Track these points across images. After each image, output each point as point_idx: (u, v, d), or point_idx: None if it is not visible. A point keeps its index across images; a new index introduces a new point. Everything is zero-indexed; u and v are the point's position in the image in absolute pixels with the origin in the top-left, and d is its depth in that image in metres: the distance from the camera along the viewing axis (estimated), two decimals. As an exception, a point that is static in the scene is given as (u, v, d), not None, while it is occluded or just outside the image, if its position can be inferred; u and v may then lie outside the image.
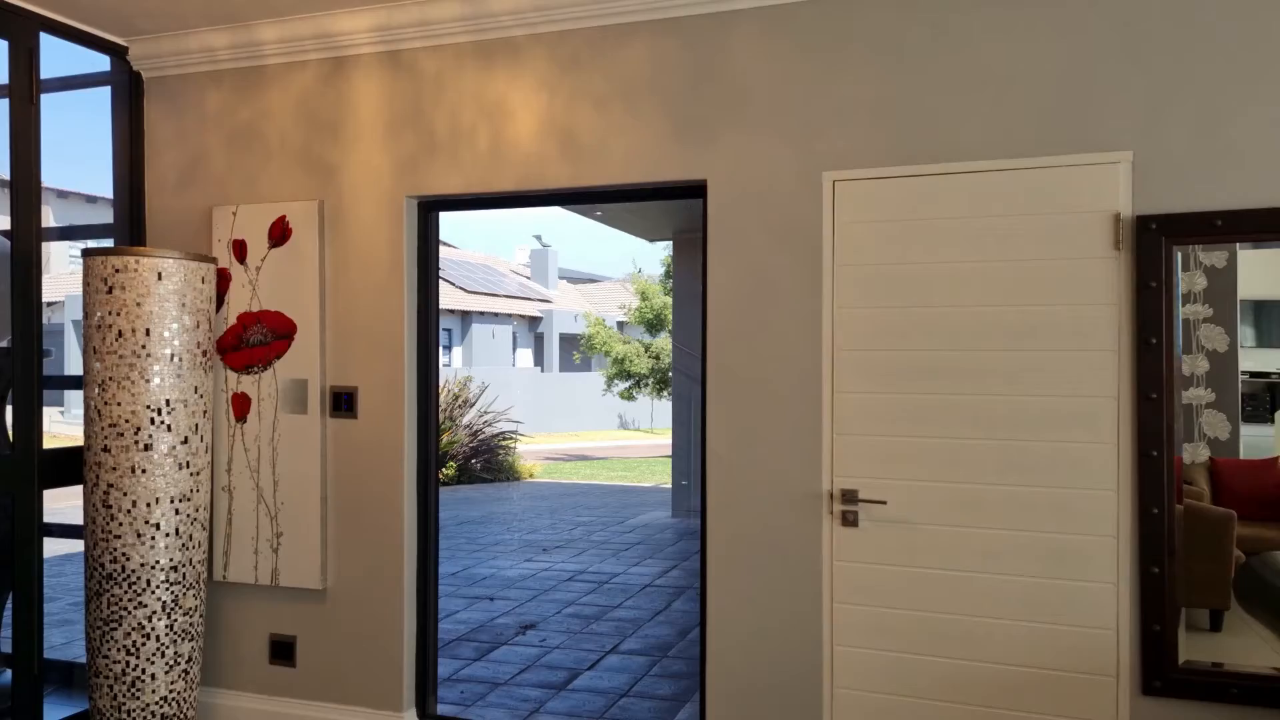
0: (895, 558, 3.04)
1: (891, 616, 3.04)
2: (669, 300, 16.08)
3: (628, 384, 17.55)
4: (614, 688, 4.43)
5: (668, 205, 7.35)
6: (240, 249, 3.81)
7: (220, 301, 3.81)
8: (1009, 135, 2.93)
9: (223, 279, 3.81)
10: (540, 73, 3.46)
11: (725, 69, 3.23)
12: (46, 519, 3.62)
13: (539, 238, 30.63)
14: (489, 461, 13.78)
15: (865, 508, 3.07)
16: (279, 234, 3.76)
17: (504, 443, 14.17)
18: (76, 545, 4.07)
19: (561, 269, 30.59)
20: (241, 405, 3.79)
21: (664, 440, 17.88)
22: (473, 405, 14.04)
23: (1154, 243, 2.78)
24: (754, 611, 3.20)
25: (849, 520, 3.08)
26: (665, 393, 16.74)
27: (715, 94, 3.24)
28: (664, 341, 16.80)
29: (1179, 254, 2.80)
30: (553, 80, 3.45)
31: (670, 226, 9.03)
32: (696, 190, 3.33)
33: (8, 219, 3.50)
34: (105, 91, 4.04)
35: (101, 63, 3.94)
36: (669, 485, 10.72)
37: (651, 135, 3.32)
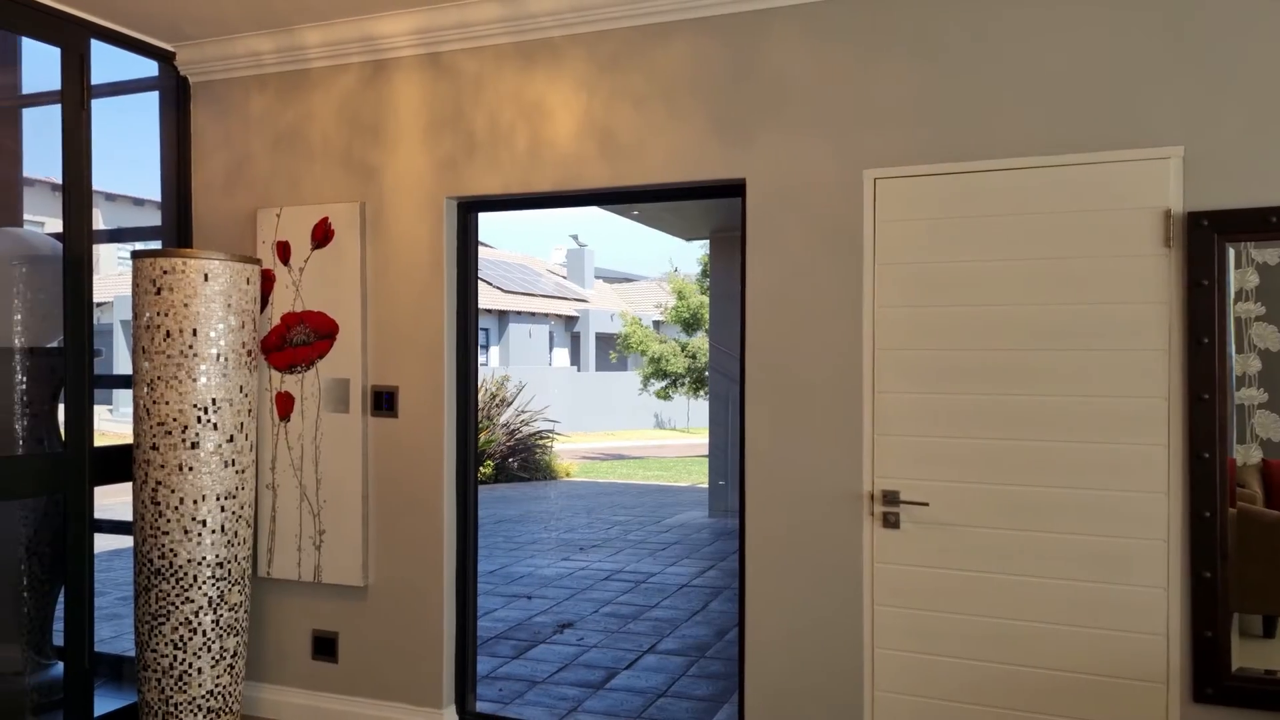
0: (938, 560, 3.00)
1: (934, 619, 3.00)
2: (706, 299, 16.03)
3: (664, 383, 17.53)
4: (652, 687, 4.43)
5: (705, 204, 7.33)
6: (284, 250, 3.86)
7: (264, 302, 3.87)
8: (1055, 131, 2.88)
9: (267, 280, 3.87)
10: (579, 73, 3.47)
11: (765, 67, 3.21)
12: (96, 515, 3.70)
13: (575, 237, 30.72)
14: (526, 460, 13.85)
15: (907, 509, 3.03)
16: (321, 235, 3.81)
17: (541, 442, 14.23)
18: (124, 541, 4.16)
19: (598, 268, 30.66)
20: (285, 404, 3.85)
21: (700, 439, 17.84)
22: (510, 404, 14.12)
23: (1205, 239, 2.72)
24: (793, 613, 3.18)
25: (890, 522, 3.05)
26: (702, 392, 16.71)
27: (755, 92, 3.23)
28: (700, 341, 16.76)
29: (1231, 251, 2.73)
30: (591, 80, 3.45)
31: (708, 225, 9.01)
32: (735, 189, 3.32)
33: (59, 222, 3.58)
34: (151, 96, 4.12)
35: (149, 68, 4.02)
36: (705, 485, 10.70)
37: (690, 134, 3.31)
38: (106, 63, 3.77)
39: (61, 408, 3.63)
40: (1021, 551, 2.91)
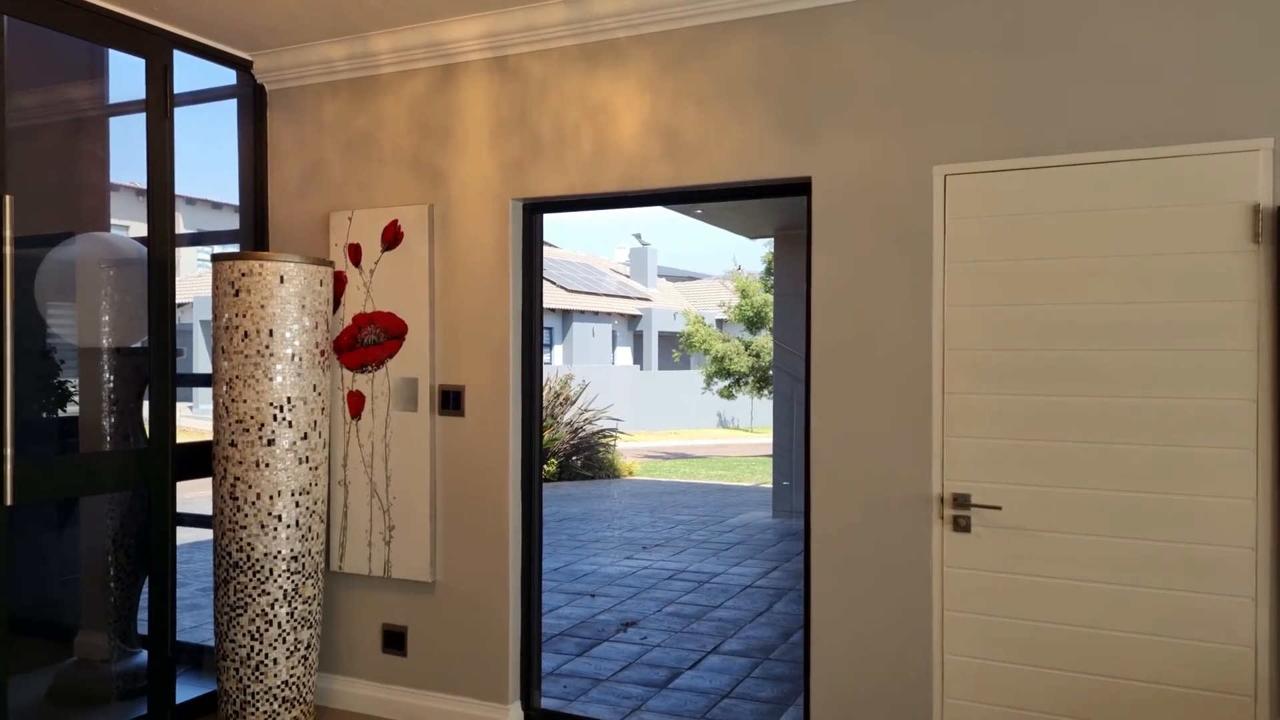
0: (1011, 565, 2.93)
1: (1006, 626, 2.93)
2: (770, 297, 15.91)
3: (727, 382, 17.46)
4: (715, 688, 4.41)
5: (769, 202, 7.27)
6: (355, 252, 3.95)
7: (337, 303, 3.96)
8: (1136, 124, 2.78)
9: (339, 281, 3.96)
10: (643, 73, 3.47)
11: (830, 64, 3.17)
12: (178, 509, 3.84)
13: (638, 236, 30.79)
14: (589, 459, 13.94)
15: (979, 513, 2.96)
16: (391, 237, 3.88)
17: (604, 440, 14.30)
18: (203, 534, 4.30)
19: (661, 267, 30.68)
20: (356, 403, 3.94)
21: (764, 439, 17.72)
22: (573, 403, 14.22)
23: (1298, 235, 2.60)
24: (860, 616, 3.13)
25: (961, 525, 2.98)
26: (765, 391, 16.59)
27: (820, 89, 3.19)
28: (764, 339, 16.64)
29: (1327, 246, 2.60)
30: (656, 80, 3.45)
31: (772, 223, 8.94)
32: (801, 188, 3.28)
33: (144, 226, 3.72)
34: (228, 103, 4.25)
35: (228, 77, 4.15)
36: (769, 485, 10.63)
37: (755, 133, 3.29)
38: (187, 72, 3.91)
39: (146, 405, 3.78)
40: (1098, 557, 2.83)
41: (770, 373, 14.63)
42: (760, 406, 21.46)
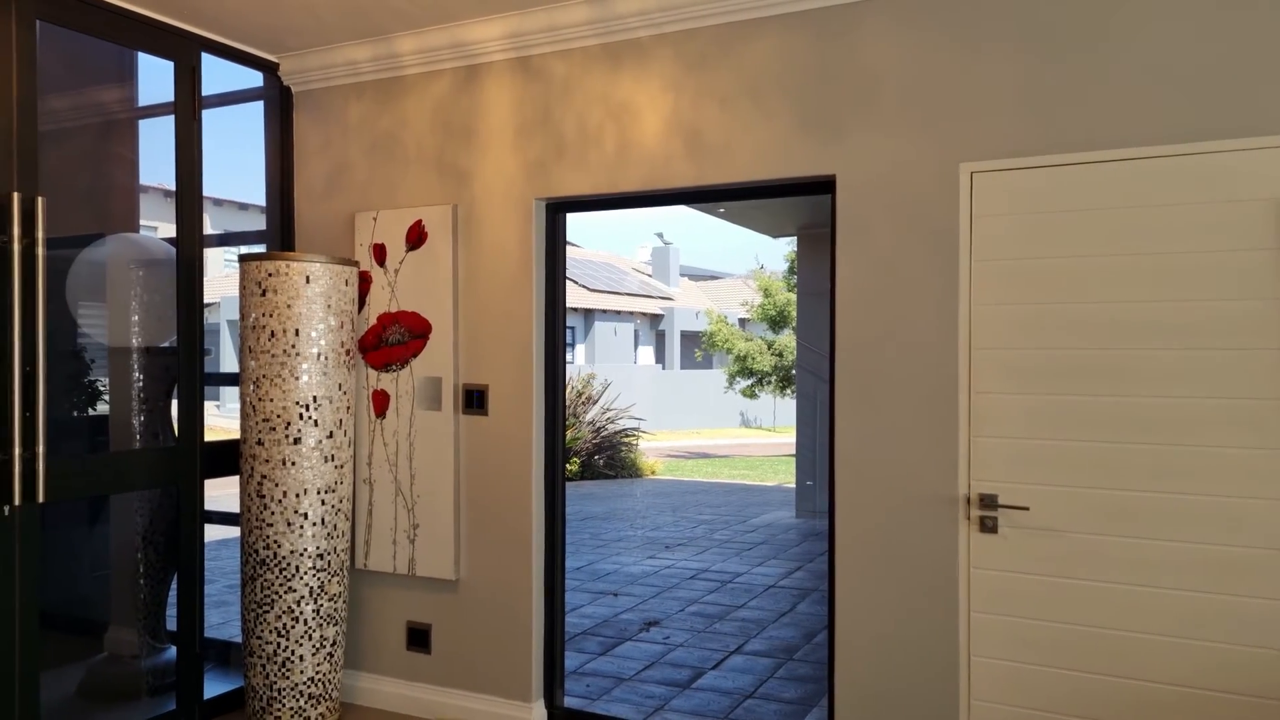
0: (1039, 567, 2.90)
1: (1034, 628, 2.90)
2: (793, 296, 15.87)
3: (750, 381, 17.41)
4: (738, 688, 4.40)
5: (792, 201, 7.24)
6: (380, 252, 3.98)
7: (362, 303, 3.99)
8: (1167, 120, 2.74)
9: (364, 281, 3.99)
10: (667, 72, 3.47)
11: (855, 61, 3.15)
12: (205, 507, 3.88)
13: (660, 235, 30.82)
14: (611, 458, 13.95)
15: (1006, 514, 2.93)
16: (415, 237, 3.90)
17: (626, 439, 14.31)
18: (229, 531, 4.35)
19: (683, 266, 30.64)
20: (381, 402, 3.96)
21: (787, 439, 17.66)
22: (596, 402, 14.25)
23: (1335, 232, 2.55)
24: (885, 617, 3.11)
25: (988, 526, 2.95)
26: (788, 390, 16.53)
27: (845, 87, 3.17)
28: (787, 339, 16.58)
29: (1364, 243, 2.55)
30: (679, 79, 3.45)
31: (795, 222, 8.90)
32: (825, 186, 3.27)
33: (172, 226, 3.77)
34: (253, 105, 4.29)
35: (254, 79, 4.19)
36: (792, 485, 10.58)
37: (779, 131, 3.27)
38: (214, 74, 3.95)
39: (175, 404, 3.82)
40: (1127, 559, 2.79)
41: (793, 372, 14.57)
42: (783, 406, 21.39)
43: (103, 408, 4.08)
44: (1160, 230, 2.76)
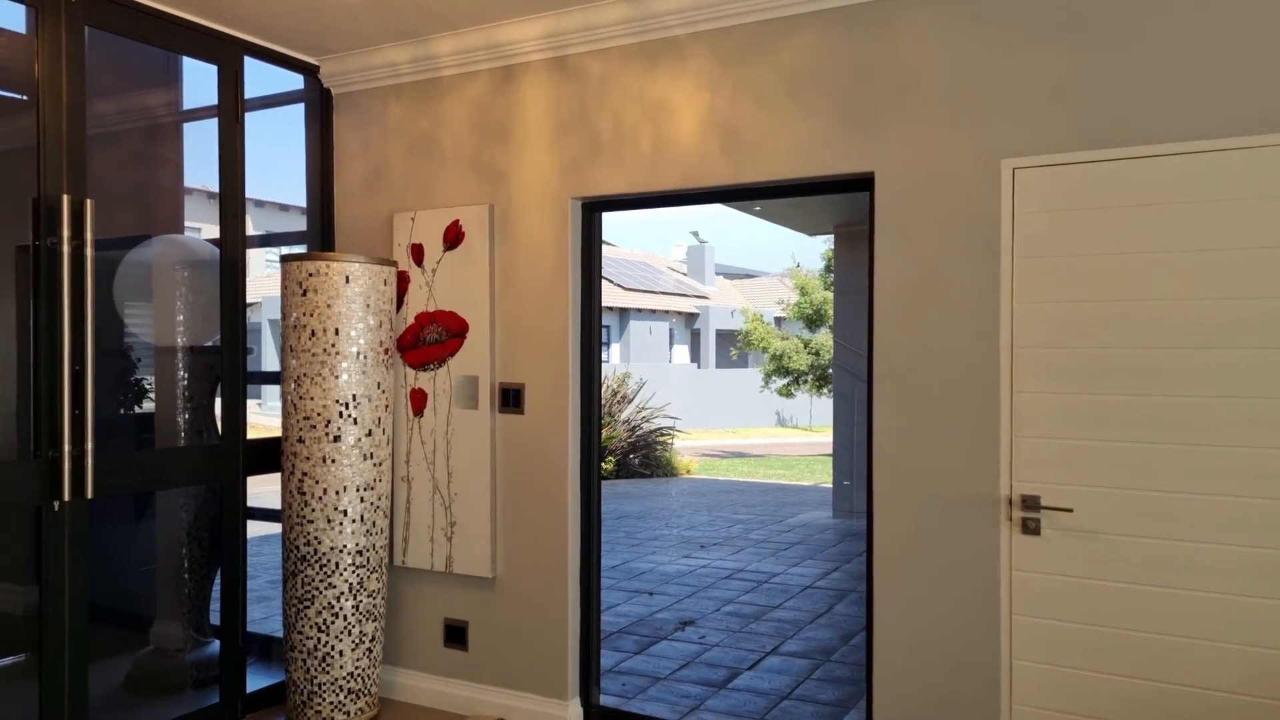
0: (1082, 569, 2.84)
1: (1078, 631, 2.85)
2: (829, 295, 15.73)
3: (786, 380, 17.31)
4: (775, 689, 4.37)
5: (829, 198, 7.18)
6: (418, 252, 4.01)
7: (400, 302, 4.02)
8: (1215, 112, 2.67)
9: (402, 281, 4.03)
10: (703, 70, 3.46)
11: (894, 57, 3.12)
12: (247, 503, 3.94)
13: (696, 234, 30.76)
14: (647, 457, 13.95)
15: (1049, 515, 2.88)
16: (453, 237, 3.93)
17: (661, 438, 14.30)
18: (268, 527, 4.41)
19: (718, 265, 30.57)
20: (419, 400, 4.00)
21: (823, 438, 17.54)
22: (631, 401, 14.25)
23: (1394, 227, 2.47)
24: (925, 620, 3.07)
25: (1030, 528, 2.91)
26: (825, 389, 16.41)
27: (883, 83, 3.14)
28: (824, 337, 16.46)
29: None
30: (715, 77, 3.43)
31: (831, 220, 8.83)
32: (863, 184, 3.23)
33: (215, 227, 3.83)
34: (291, 108, 4.34)
35: (295, 81, 4.24)
36: (829, 484, 10.50)
37: (816, 129, 3.25)
38: (255, 77, 4.01)
39: (218, 402, 3.88)
40: (1176, 562, 2.73)
41: (830, 371, 14.46)
42: (819, 405, 21.25)
43: (148, 405, 4.16)
44: (1205, 226, 2.69)
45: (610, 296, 22.22)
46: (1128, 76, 2.78)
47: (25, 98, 3.50)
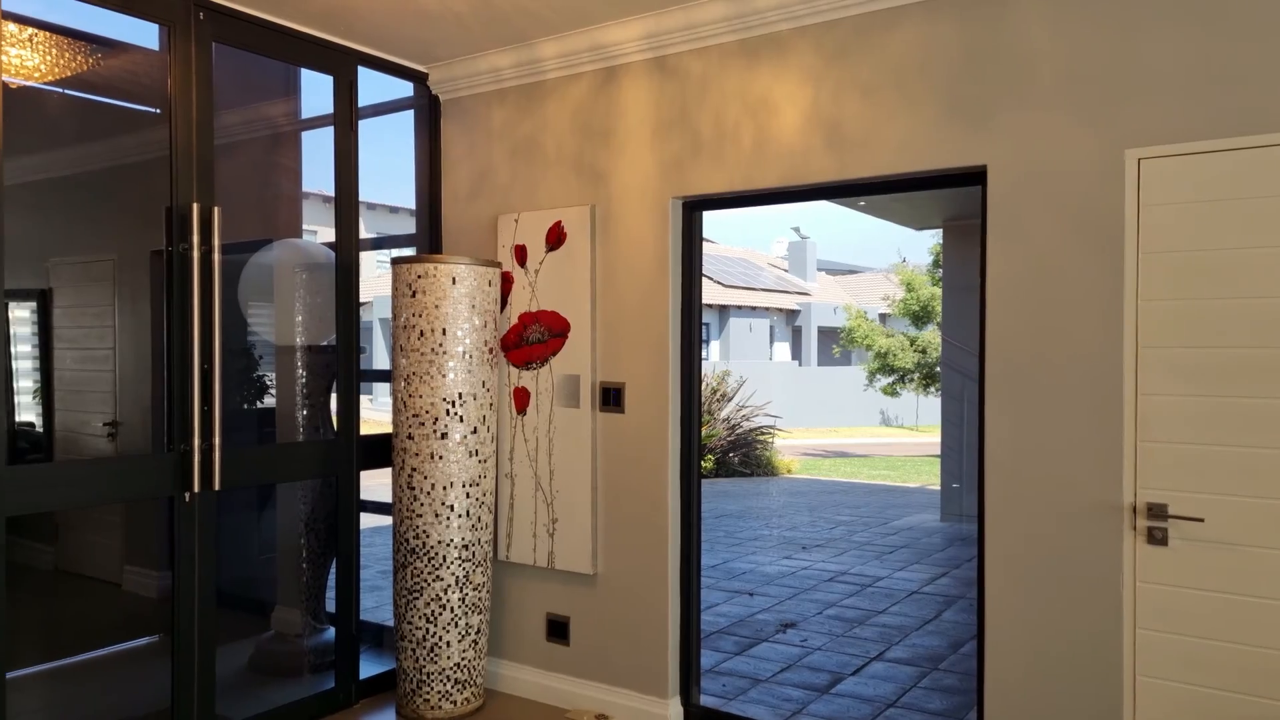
0: (1214, 582, 2.67)
1: (1208, 648, 2.68)
2: (937, 291, 15.30)
3: (891, 379, 16.92)
4: (880, 696, 4.28)
5: (938, 192, 6.96)
6: (521, 253, 4.08)
7: (504, 302, 4.10)
8: (1369, 93, 2.47)
9: (506, 281, 4.10)
10: (805, 66, 3.40)
11: (1006, 45, 3.00)
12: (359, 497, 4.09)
13: (797, 230, 30.32)
14: (746, 456, 13.85)
15: (1177, 524, 2.72)
16: (555, 238, 3.98)
17: (761, 437, 14.17)
18: (378, 520, 4.57)
19: (820, 260, 30.09)
20: (522, 399, 4.07)
21: (931, 439, 17.06)
22: (731, 399, 14.17)
23: None
24: (1040, 630, 2.95)
25: (1156, 538, 2.75)
26: (932, 388, 15.97)
27: (995, 73, 3.02)
28: (931, 335, 16.01)
29: None
30: (818, 72, 3.37)
31: (940, 214, 8.57)
32: (974, 177, 3.12)
33: (330, 231, 3.99)
34: (400, 114, 4.48)
35: (405, 89, 4.38)
36: (937, 487, 10.20)
37: (923, 122, 3.15)
38: (367, 86, 4.16)
39: (334, 399, 4.04)
40: (1321, 580, 2.53)
41: (938, 369, 14.06)
42: (926, 404, 20.67)
43: (269, 401, 4.37)
44: (1361, 216, 2.49)
45: (710, 293, 22.14)
46: (1259, 61, 2.60)
47: (158, 111, 3.72)
